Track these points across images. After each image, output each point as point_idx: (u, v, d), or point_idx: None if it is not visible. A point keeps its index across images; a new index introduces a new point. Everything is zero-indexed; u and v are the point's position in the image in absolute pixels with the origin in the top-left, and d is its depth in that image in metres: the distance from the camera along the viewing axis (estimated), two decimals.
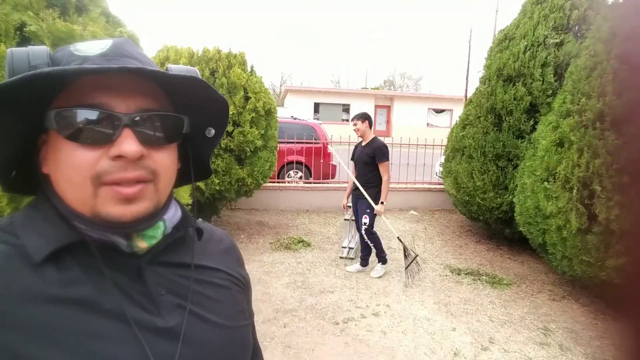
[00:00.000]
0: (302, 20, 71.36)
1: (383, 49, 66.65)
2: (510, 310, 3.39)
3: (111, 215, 0.45)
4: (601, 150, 2.89)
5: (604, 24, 3.25)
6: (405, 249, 3.94)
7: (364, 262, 4.10)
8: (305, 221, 5.91)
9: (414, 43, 67.86)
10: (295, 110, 14.60)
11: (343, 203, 4.37)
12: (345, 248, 4.55)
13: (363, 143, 4.03)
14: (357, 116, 4.02)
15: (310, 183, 6.87)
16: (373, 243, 3.99)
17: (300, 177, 7.49)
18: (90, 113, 0.44)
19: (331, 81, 42.24)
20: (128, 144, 0.44)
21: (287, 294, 3.51)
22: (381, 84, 40.51)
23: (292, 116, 8.77)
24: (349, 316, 3.16)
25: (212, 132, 0.58)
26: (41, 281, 0.43)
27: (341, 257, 4.44)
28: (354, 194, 4.09)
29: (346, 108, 22.28)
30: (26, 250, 0.44)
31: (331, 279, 3.87)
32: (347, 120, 20.68)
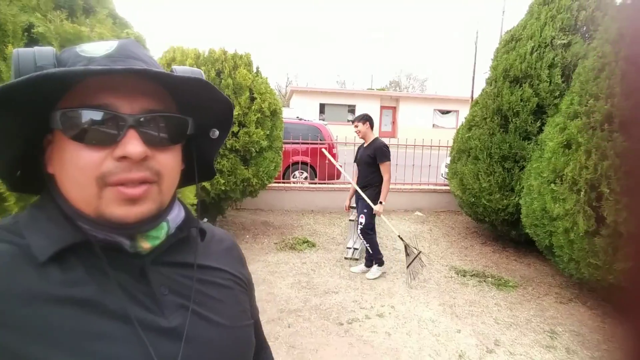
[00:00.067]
0: (308, 20, 71.48)
1: (389, 50, 66.54)
2: (516, 312, 3.37)
3: (115, 216, 0.45)
4: (609, 152, 2.86)
5: (612, 25, 3.22)
6: (406, 247, 3.93)
7: (369, 263, 4.09)
8: (310, 221, 5.91)
9: (420, 44, 67.70)
10: (300, 110, 14.61)
11: (346, 204, 4.37)
12: (350, 249, 4.55)
13: (365, 144, 4.03)
14: (358, 118, 4.02)
15: (315, 183, 6.87)
16: (369, 244, 3.98)
17: (305, 178, 7.50)
18: (95, 114, 0.45)
19: (337, 82, 42.17)
20: (133, 145, 0.45)
21: (292, 294, 3.51)
22: (387, 85, 40.37)
23: (298, 117, 8.78)
24: (354, 317, 3.16)
25: (217, 134, 0.58)
26: (45, 281, 0.43)
27: (346, 258, 4.43)
28: (357, 195, 4.09)
29: (352, 109, 22.24)
30: (30, 250, 0.44)
31: (336, 280, 3.87)
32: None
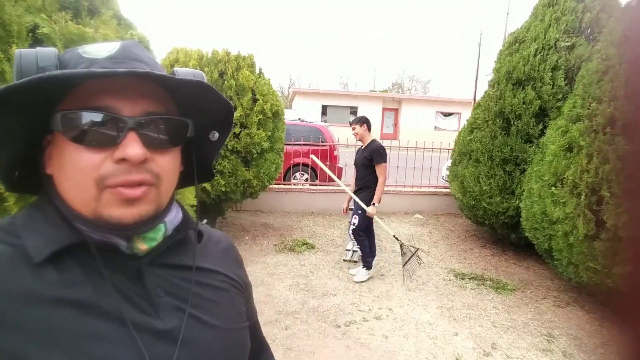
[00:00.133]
0: (310, 21, 71.59)
1: (391, 52, 66.57)
2: (513, 316, 3.36)
3: (113, 216, 0.46)
4: (611, 155, 2.85)
5: (617, 27, 3.20)
6: (401, 247, 3.94)
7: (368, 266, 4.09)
8: (310, 223, 5.92)
9: (423, 46, 67.70)
10: (303, 112, 14.61)
11: (343, 207, 4.37)
12: (349, 251, 4.55)
13: (362, 146, 4.03)
14: (355, 120, 4.03)
15: (315, 185, 6.87)
16: (359, 245, 3.98)
17: (306, 179, 7.50)
18: (95, 115, 0.45)
19: (339, 84, 42.32)
20: (132, 148, 0.45)
21: (290, 296, 3.51)
22: (389, 87, 40.38)
23: (300, 118, 8.78)
24: (351, 319, 3.16)
25: (216, 136, 0.58)
26: (41, 282, 0.43)
27: (345, 260, 4.43)
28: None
29: (354, 110, 22.24)
30: (27, 250, 0.44)
31: (334, 282, 3.87)
32: None
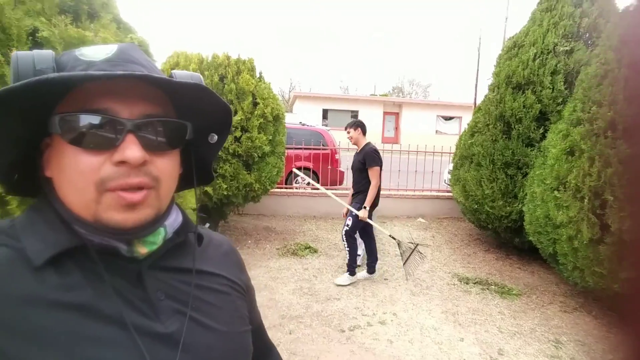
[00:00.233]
0: (310, 23, 71.98)
1: (391, 56, 66.84)
2: (520, 321, 3.33)
3: (113, 221, 0.45)
4: (613, 159, 2.84)
5: (615, 32, 3.22)
6: (399, 245, 3.93)
7: (371, 270, 4.06)
8: (312, 227, 5.90)
9: (423, 50, 67.91)
10: (303, 116, 14.64)
11: (343, 211, 4.35)
12: None
13: (357, 150, 4.03)
14: (350, 124, 4.03)
15: (317, 189, 6.86)
16: (349, 248, 3.95)
17: (307, 183, 7.49)
18: (93, 118, 0.44)
19: (340, 87, 42.27)
20: (131, 150, 0.44)
21: (293, 301, 3.49)
22: (390, 91, 40.49)
23: (300, 122, 8.79)
24: (355, 324, 3.13)
25: (215, 138, 0.57)
26: (41, 285, 0.43)
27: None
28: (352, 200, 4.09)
29: (355, 114, 22.28)
30: (26, 253, 0.44)
31: (338, 286, 3.85)
32: None
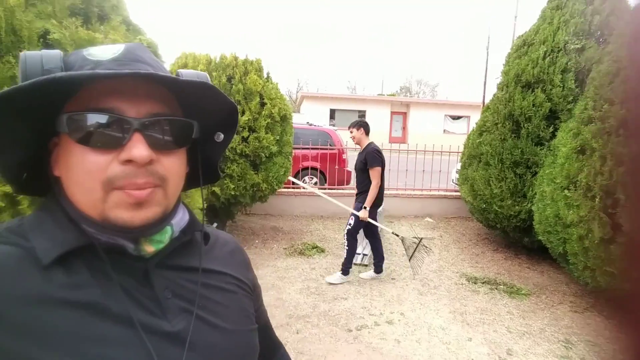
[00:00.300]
0: (314, 20, 71.95)
1: (399, 55, 66.59)
2: (529, 321, 3.30)
3: (121, 219, 0.45)
4: (625, 157, 2.80)
5: (625, 29, 3.17)
6: (403, 241, 3.94)
7: (378, 270, 4.06)
8: (319, 227, 5.90)
9: (431, 49, 67.59)
10: (311, 116, 14.65)
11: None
12: (359, 254, 4.52)
13: (360, 150, 4.02)
14: (353, 124, 4.03)
15: (325, 189, 6.86)
16: (348, 247, 3.94)
17: (315, 183, 7.50)
18: (101, 117, 0.45)
19: (347, 87, 42.25)
20: (138, 149, 0.45)
21: (301, 300, 3.49)
22: (397, 91, 40.34)
23: (308, 122, 8.80)
24: (363, 323, 3.13)
25: (221, 137, 0.58)
26: (49, 284, 0.43)
27: (355, 264, 4.40)
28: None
29: (362, 114, 22.22)
30: (35, 252, 0.44)
31: (345, 286, 3.84)
32: None
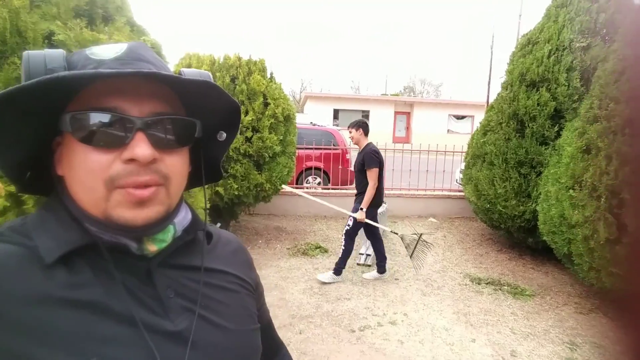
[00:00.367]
0: (319, 19, 71.89)
1: (402, 55, 66.42)
2: (533, 322, 3.27)
3: (123, 218, 0.45)
4: (629, 157, 2.77)
5: (630, 27, 3.15)
6: (402, 238, 3.94)
7: (381, 270, 4.05)
8: (322, 227, 5.90)
9: (435, 49, 67.38)
10: (314, 116, 14.64)
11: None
12: (362, 255, 4.52)
13: (359, 150, 4.01)
14: (352, 124, 4.01)
15: (328, 189, 6.86)
16: (344, 247, 3.93)
17: (318, 183, 7.49)
18: (103, 116, 0.45)
19: (351, 87, 42.33)
20: (141, 148, 0.45)
21: (304, 300, 3.49)
22: (401, 90, 40.26)
23: (311, 122, 8.80)
24: (366, 324, 3.12)
25: (224, 136, 0.58)
26: (51, 283, 0.43)
27: (358, 264, 4.40)
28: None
29: (366, 114, 22.21)
30: (38, 251, 0.44)
31: (348, 286, 3.84)
32: None
